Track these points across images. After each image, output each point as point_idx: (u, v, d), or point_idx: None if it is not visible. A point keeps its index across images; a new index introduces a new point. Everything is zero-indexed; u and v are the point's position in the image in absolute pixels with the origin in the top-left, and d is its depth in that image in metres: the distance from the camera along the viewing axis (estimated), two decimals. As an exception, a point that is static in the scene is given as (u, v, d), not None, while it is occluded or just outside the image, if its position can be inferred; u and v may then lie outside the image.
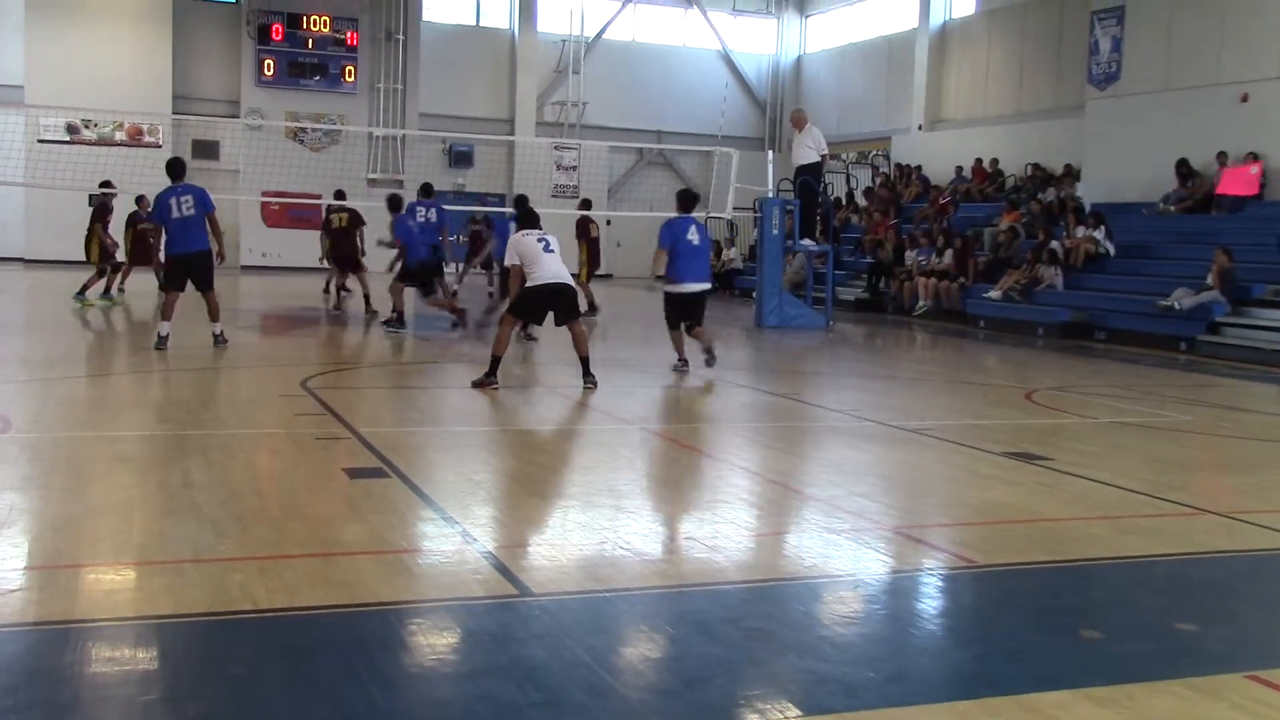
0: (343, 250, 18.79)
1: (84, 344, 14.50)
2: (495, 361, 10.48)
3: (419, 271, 15.87)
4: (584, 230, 19.63)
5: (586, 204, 20.42)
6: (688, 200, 12.74)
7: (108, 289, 18.74)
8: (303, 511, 5.97)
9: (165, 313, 12.75)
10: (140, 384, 10.97)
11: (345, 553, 5.22)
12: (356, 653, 4.00)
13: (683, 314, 12.25)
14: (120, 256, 19.19)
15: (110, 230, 18.87)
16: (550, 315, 11.00)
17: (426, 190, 18.17)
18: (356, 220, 18.89)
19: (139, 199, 19.00)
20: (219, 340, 12.89)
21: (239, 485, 6.57)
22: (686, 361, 12.36)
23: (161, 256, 13.92)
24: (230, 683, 3.74)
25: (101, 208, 18.90)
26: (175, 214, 12.66)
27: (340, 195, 19.97)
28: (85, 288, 18.16)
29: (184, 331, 13.38)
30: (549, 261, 10.51)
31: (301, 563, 5.04)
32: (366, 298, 18.10)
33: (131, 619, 4.29)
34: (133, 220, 19.17)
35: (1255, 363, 15.83)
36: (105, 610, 4.42)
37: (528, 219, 11.15)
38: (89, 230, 18.71)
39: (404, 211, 16.61)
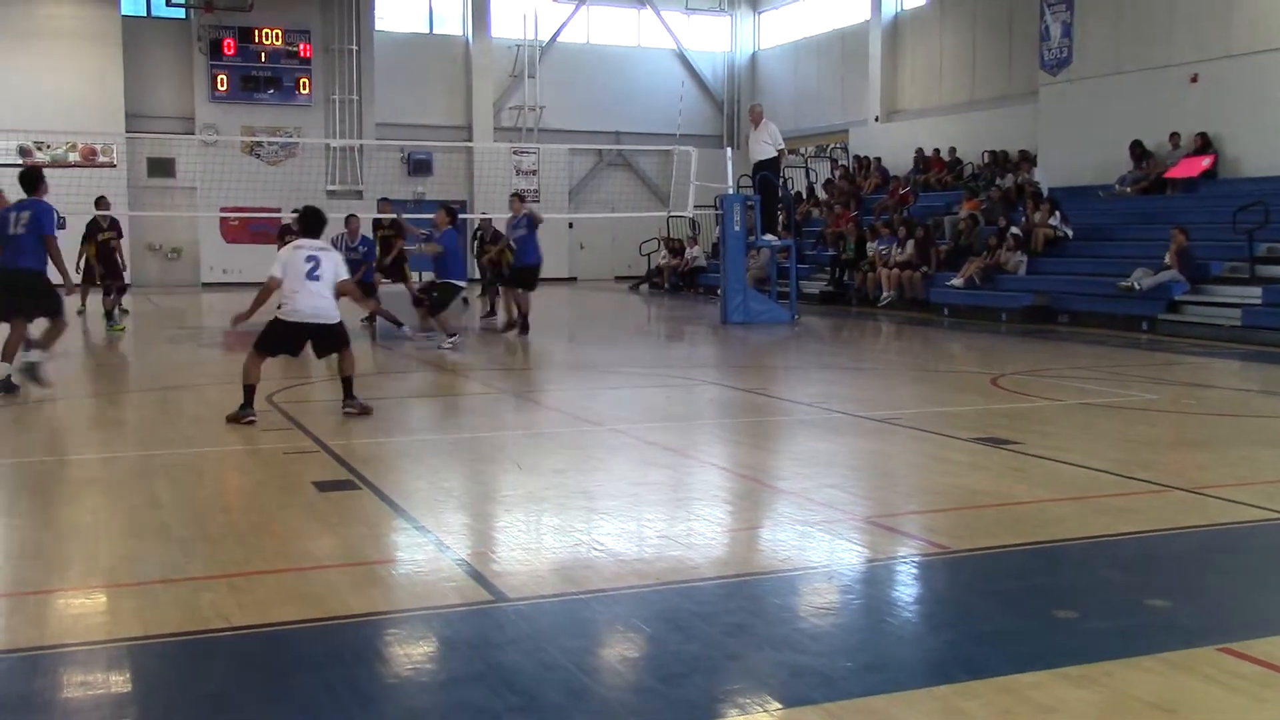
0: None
1: (44, 368, 14.30)
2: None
3: None
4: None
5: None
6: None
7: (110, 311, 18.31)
8: (272, 527, 5.92)
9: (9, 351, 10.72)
10: (104, 406, 10.86)
11: (317, 566, 5.18)
12: (331, 666, 3.97)
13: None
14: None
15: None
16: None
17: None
18: (399, 229, 18.78)
19: (99, 200, 18.86)
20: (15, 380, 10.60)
21: (207, 504, 6.51)
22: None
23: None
24: (204, 702, 3.71)
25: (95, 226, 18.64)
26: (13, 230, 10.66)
27: (384, 205, 20.13)
28: (110, 313, 17.95)
29: (145, 351, 13.25)
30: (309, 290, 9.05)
31: (273, 578, 5.00)
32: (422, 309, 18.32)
33: (102, 642, 4.24)
34: (93, 234, 18.83)
35: (1215, 339, 16.00)
36: (75, 635, 4.37)
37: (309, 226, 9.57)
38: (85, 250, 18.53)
39: None
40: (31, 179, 10.97)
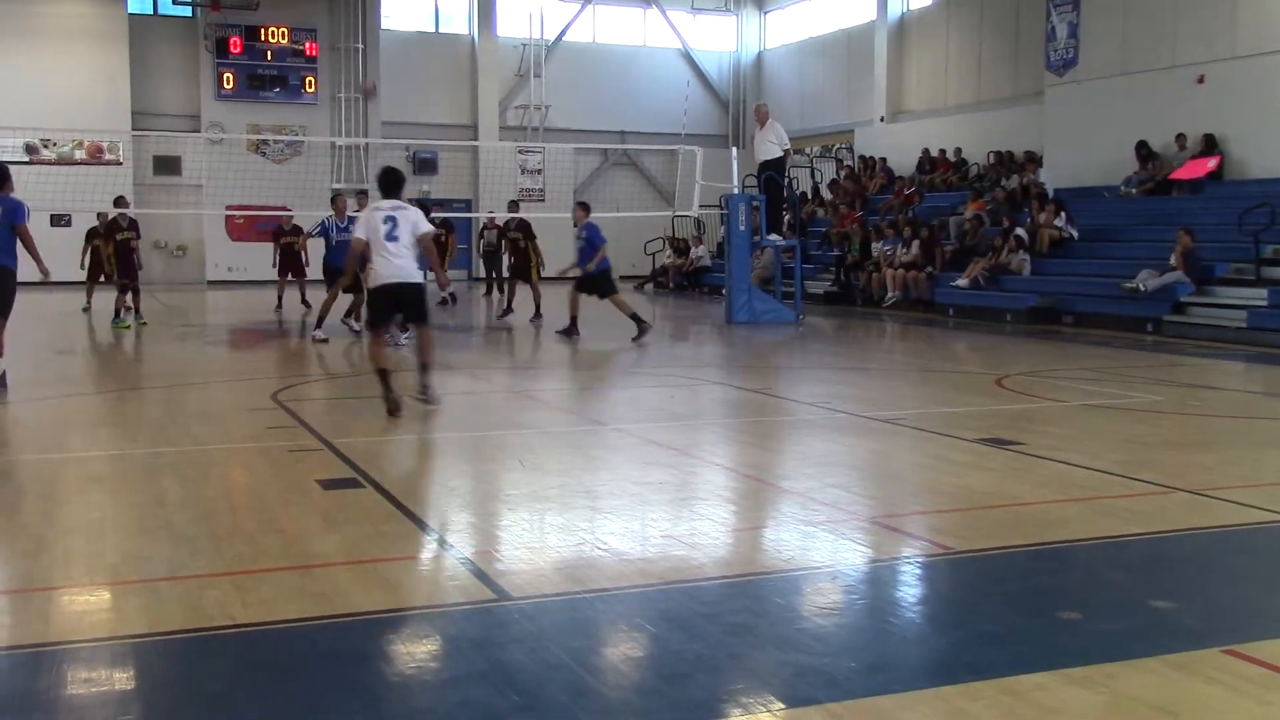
0: (519, 262, 20.04)
1: (49, 365, 14.34)
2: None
3: None
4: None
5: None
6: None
7: (119, 311, 18.06)
8: (277, 525, 5.92)
9: None
10: (109, 403, 10.87)
11: (321, 564, 5.19)
12: (335, 665, 3.98)
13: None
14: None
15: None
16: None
17: None
18: (527, 230, 19.75)
19: (118, 199, 18.88)
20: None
21: (212, 501, 6.52)
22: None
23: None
24: (209, 700, 3.71)
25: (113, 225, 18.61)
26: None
27: (514, 207, 20.97)
28: (118, 310, 17.90)
29: (150, 348, 13.27)
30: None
31: (277, 576, 5.00)
32: (536, 305, 18.97)
33: (107, 639, 4.24)
34: (111, 232, 18.78)
35: (1220, 341, 15.97)
36: (80, 632, 4.37)
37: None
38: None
39: None
40: None
